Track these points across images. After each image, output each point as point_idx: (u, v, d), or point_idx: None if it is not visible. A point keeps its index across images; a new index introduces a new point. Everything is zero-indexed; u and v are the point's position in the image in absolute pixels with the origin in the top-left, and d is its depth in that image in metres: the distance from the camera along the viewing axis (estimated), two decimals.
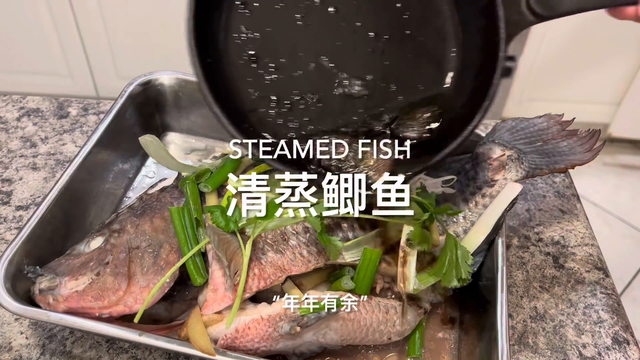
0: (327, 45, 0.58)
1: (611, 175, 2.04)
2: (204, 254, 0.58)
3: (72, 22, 1.81)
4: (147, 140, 0.68)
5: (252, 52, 0.57)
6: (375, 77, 0.59)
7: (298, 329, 0.53)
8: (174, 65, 1.11)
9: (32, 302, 0.56)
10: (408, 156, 0.55)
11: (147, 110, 0.80)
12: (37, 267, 0.57)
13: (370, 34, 0.58)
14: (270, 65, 0.57)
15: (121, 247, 0.58)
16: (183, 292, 0.60)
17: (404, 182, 0.54)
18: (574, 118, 0.69)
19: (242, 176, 0.63)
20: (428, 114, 0.58)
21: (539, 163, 0.66)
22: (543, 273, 0.71)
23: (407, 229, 0.59)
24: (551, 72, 1.90)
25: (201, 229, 0.60)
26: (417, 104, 0.58)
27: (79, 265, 0.57)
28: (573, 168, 0.66)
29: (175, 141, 0.85)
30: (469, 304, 0.64)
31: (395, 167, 0.55)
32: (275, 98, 0.58)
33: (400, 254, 0.58)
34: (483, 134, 0.72)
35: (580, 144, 0.66)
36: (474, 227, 0.63)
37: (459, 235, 0.64)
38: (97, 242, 0.59)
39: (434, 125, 0.58)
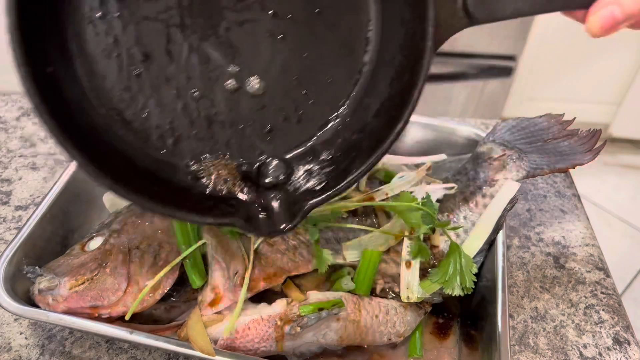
0: (215, 30, 0.46)
1: (612, 175, 2.04)
2: (204, 256, 0.58)
3: None
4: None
5: (112, 41, 0.44)
6: (274, 69, 0.48)
7: (298, 329, 0.53)
8: None
9: (31, 302, 0.56)
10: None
11: None
12: (37, 267, 0.57)
13: (268, 12, 0.47)
14: (137, 54, 0.45)
15: (121, 247, 0.58)
16: (182, 293, 0.60)
17: (302, 217, 0.46)
18: (575, 118, 0.69)
19: None
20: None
21: (540, 163, 0.66)
22: (544, 273, 0.71)
23: (407, 242, 0.59)
24: (551, 72, 1.90)
25: (202, 231, 0.60)
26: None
27: (79, 265, 0.57)
28: (574, 168, 0.66)
29: None
30: (469, 304, 0.64)
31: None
32: (144, 99, 0.46)
33: (403, 264, 0.59)
34: (483, 134, 0.72)
35: (580, 143, 0.66)
36: (474, 228, 0.63)
37: (459, 235, 0.64)
38: (96, 242, 0.59)
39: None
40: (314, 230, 0.55)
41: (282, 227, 0.45)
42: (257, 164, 0.50)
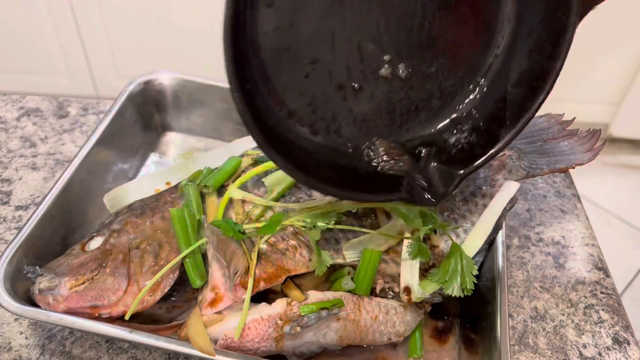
0: (367, 23, 0.49)
1: (611, 175, 2.04)
2: (204, 256, 0.58)
3: (71, 22, 1.81)
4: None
5: (286, 47, 0.48)
6: (419, 50, 0.51)
7: (298, 329, 0.53)
8: (174, 65, 1.10)
9: (31, 302, 0.56)
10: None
11: (147, 110, 0.80)
12: (37, 267, 0.57)
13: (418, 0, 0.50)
14: (306, 59, 0.49)
15: (121, 247, 0.58)
16: (182, 292, 0.60)
17: (456, 185, 0.51)
18: (575, 118, 0.69)
19: (240, 179, 0.64)
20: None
21: (540, 163, 0.66)
22: (543, 273, 0.71)
23: (406, 242, 0.59)
24: None
25: (202, 231, 0.60)
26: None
27: (79, 265, 0.57)
28: (573, 168, 0.66)
29: (175, 141, 0.85)
30: (469, 304, 0.64)
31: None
32: (313, 96, 0.50)
33: (402, 264, 0.59)
34: None
35: (580, 143, 0.66)
36: (474, 228, 0.63)
37: (459, 235, 0.64)
38: (96, 242, 0.59)
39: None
40: (315, 231, 0.55)
41: (440, 194, 0.50)
42: (409, 140, 0.54)
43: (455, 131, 0.54)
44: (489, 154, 0.51)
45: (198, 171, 0.66)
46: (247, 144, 0.75)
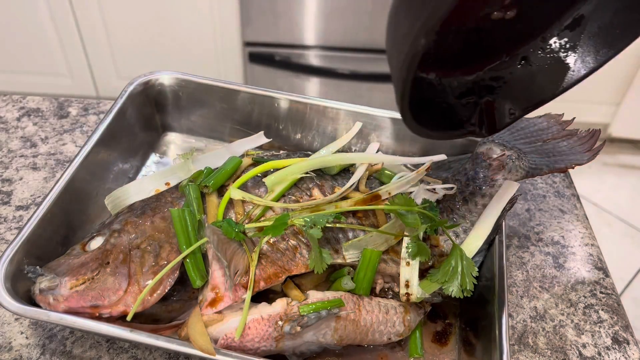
0: None
1: (611, 175, 2.04)
2: (204, 255, 0.59)
3: (72, 22, 1.82)
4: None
5: None
6: None
7: (298, 328, 0.53)
8: (174, 65, 1.10)
9: (32, 302, 0.56)
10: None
11: (147, 110, 0.80)
12: (37, 267, 0.57)
13: None
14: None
15: (121, 247, 0.58)
16: (183, 292, 0.60)
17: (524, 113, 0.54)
18: (574, 118, 0.69)
19: (240, 179, 0.64)
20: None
21: (539, 163, 0.66)
22: (543, 273, 0.71)
23: (406, 241, 0.59)
24: None
25: (202, 231, 0.60)
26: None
27: (79, 265, 0.57)
28: (573, 168, 0.66)
29: (175, 141, 0.85)
30: (468, 304, 0.64)
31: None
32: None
33: (402, 263, 0.59)
34: None
35: (580, 143, 0.67)
36: (474, 228, 0.63)
37: (459, 235, 0.64)
38: (97, 242, 0.59)
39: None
40: (315, 230, 0.55)
41: (503, 125, 0.54)
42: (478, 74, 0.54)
43: (521, 66, 0.55)
44: (549, 96, 0.56)
45: (198, 171, 0.66)
46: (247, 144, 0.76)
